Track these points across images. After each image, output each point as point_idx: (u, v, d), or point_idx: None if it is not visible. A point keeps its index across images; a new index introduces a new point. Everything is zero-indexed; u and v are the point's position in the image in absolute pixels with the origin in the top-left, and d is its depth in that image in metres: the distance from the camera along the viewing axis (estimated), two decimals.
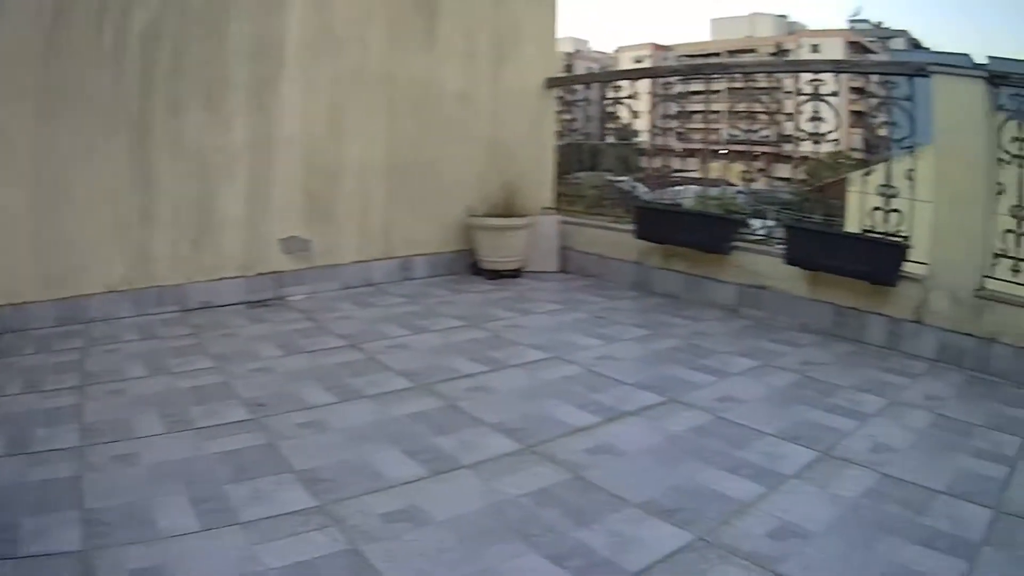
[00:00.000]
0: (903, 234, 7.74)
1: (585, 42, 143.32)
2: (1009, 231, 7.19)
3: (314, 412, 5.38)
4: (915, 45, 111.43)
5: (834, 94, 8.33)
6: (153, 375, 6.08)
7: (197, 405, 5.42)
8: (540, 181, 11.36)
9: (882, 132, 8.34)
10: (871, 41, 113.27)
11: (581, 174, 11.77)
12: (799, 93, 8.52)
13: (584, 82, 11.82)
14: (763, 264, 8.83)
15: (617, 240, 10.29)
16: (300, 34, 8.74)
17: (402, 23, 9.76)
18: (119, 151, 7.67)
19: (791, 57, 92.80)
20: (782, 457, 5.00)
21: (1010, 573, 3.76)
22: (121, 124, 7.66)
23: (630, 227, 9.95)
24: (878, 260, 7.77)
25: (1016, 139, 7.12)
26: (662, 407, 5.82)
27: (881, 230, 7.85)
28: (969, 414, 6.05)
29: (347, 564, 3.50)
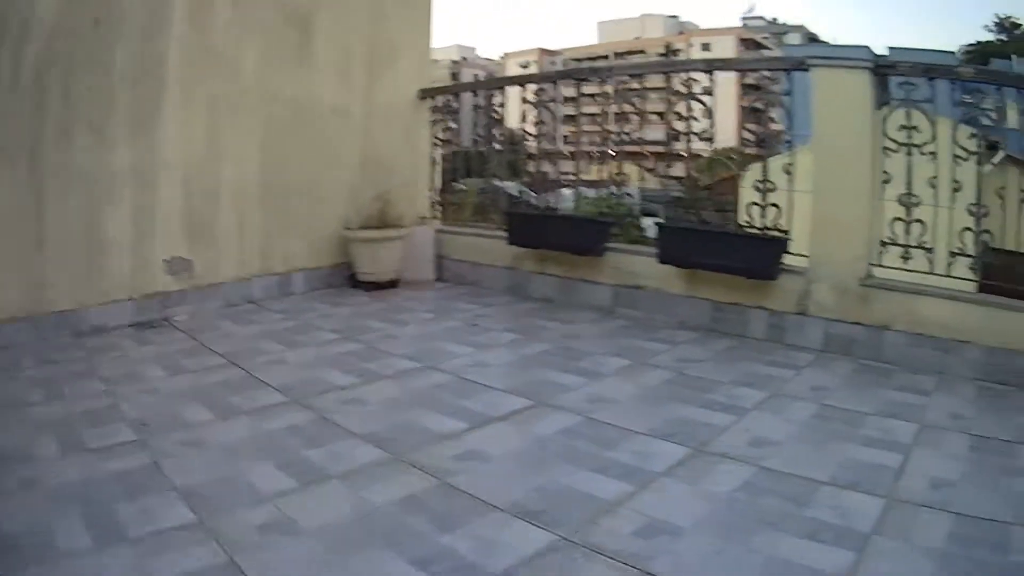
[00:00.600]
0: (782, 228, 7.91)
1: (472, 49, 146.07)
2: (898, 219, 7.36)
3: (194, 430, 5.41)
4: (812, 39, 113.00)
5: (708, 92, 8.51)
6: (48, 401, 6.06)
7: (90, 428, 5.42)
8: (415, 191, 11.45)
9: (776, 127, 8.47)
10: (765, 38, 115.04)
11: (468, 181, 11.80)
12: (676, 93, 8.68)
13: (455, 91, 11.80)
14: (638, 264, 8.98)
15: (491, 247, 10.42)
16: (180, 55, 8.74)
17: (278, 41, 9.86)
18: (13, 179, 7.65)
19: (681, 57, 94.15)
20: (653, 455, 5.05)
21: (903, 562, 3.80)
22: (15, 153, 7.63)
23: (502, 233, 10.08)
24: (755, 255, 7.95)
25: (904, 127, 7.27)
26: (530, 411, 5.89)
27: (759, 225, 8.03)
28: (859, 403, 6.15)
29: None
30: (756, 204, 8.01)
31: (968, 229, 7.06)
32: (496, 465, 4.93)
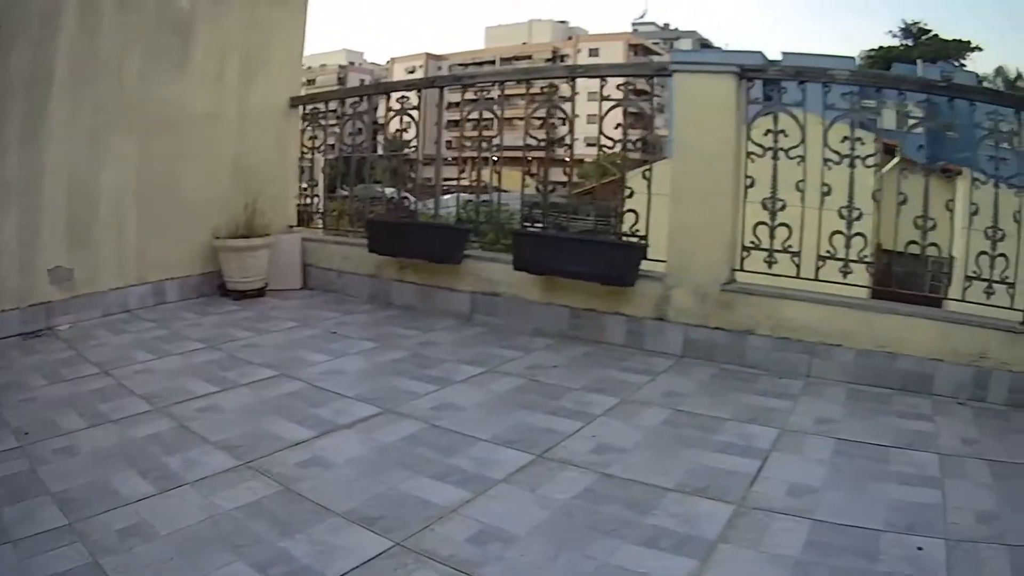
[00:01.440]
0: (639, 234, 8.06)
1: (360, 54, 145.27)
2: (761, 223, 7.53)
3: (69, 437, 5.55)
4: (704, 45, 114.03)
5: (568, 99, 8.74)
6: None
7: None
8: (284, 200, 11.63)
9: (663, 133, 8.62)
10: (655, 43, 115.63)
11: (357, 188, 11.83)
12: (550, 98, 8.89)
13: (324, 99, 11.70)
14: (495, 271, 9.14)
15: (354, 255, 10.57)
16: (69, 62, 8.71)
17: (159, 49, 9.85)
18: None
19: (568, 63, 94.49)
20: (494, 463, 5.21)
21: (751, 571, 3.90)
22: None
23: (366, 243, 10.20)
24: (612, 261, 8.10)
25: (770, 132, 7.43)
26: (377, 418, 6.06)
27: (615, 231, 8.22)
28: (716, 408, 6.33)
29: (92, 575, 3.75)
30: (616, 200, 8.17)
31: (839, 232, 7.23)
32: (338, 472, 5.12)
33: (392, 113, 10.25)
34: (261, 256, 10.51)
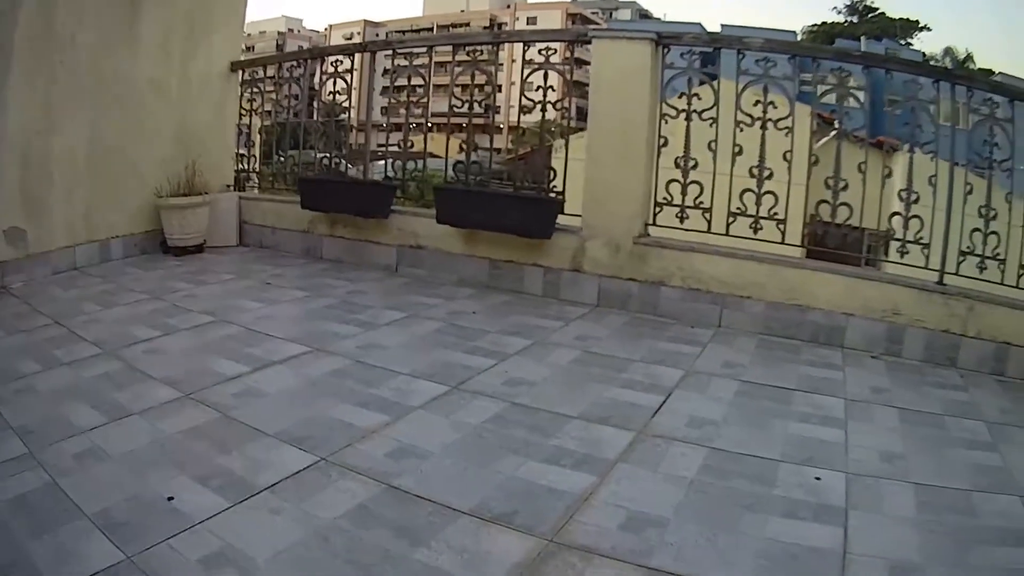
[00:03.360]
0: (556, 190, 8.34)
1: (299, 21, 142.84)
2: (674, 181, 7.78)
3: (27, 380, 5.78)
4: (643, 15, 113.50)
5: (493, 63, 8.98)
6: None
7: None
8: (222, 160, 11.69)
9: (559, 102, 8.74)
10: (594, 13, 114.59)
11: (291, 152, 11.90)
12: (479, 63, 8.97)
13: (263, 63, 11.85)
14: (419, 225, 9.46)
15: (288, 212, 10.82)
16: (26, 33, 8.71)
17: (110, 18, 9.83)
18: None
19: (506, 29, 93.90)
20: (412, 392, 5.56)
21: (646, 486, 4.17)
22: None
23: (298, 199, 10.47)
24: (529, 215, 8.38)
25: (684, 94, 7.70)
26: (307, 356, 6.38)
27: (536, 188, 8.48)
28: (626, 351, 6.66)
29: (51, 494, 4.02)
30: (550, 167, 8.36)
31: (749, 190, 7.50)
32: (270, 401, 5.45)
33: (326, 77, 10.50)
34: (201, 214, 10.75)
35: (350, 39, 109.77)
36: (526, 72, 8.34)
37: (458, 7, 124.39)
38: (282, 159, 12.03)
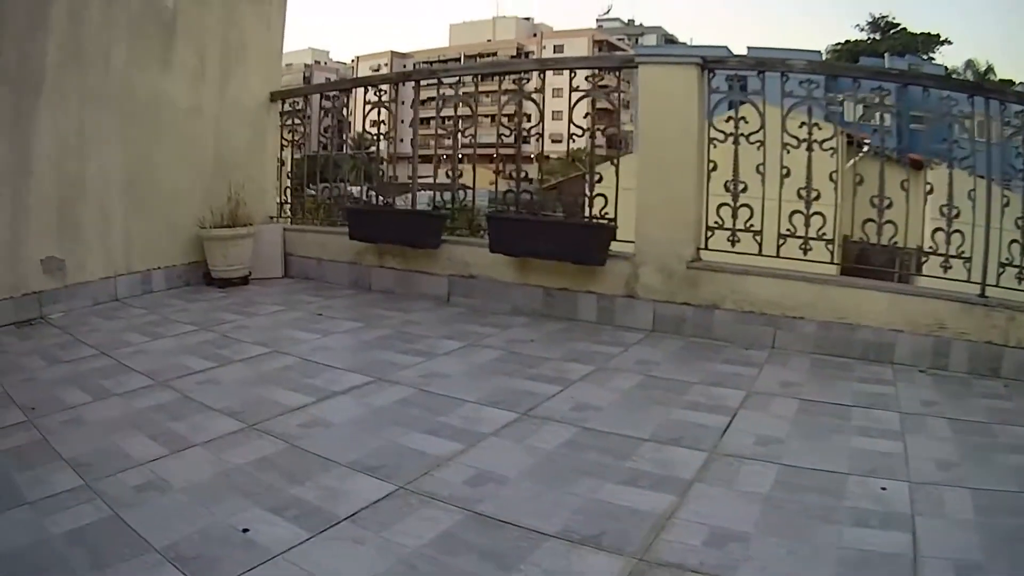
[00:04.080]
0: (608, 216, 8.33)
1: (326, 52, 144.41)
2: (724, 204, 7.82)
3: (76, 411, 5.72)
4: (669, 40, 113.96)
5: (539, 91, 8.94)
6: None
7: None
8: (264, 190, 11.76)
9: (628, 128, 8.81)
10: (620, 39, 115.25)
11: (320, 186, 11.94)
12: (518, 93, 8.87)
13: (305, 94, 12.15)
14: (471, 255, 9.45)
15: (334, 243, 10.79)
16: (57, 56, 8.77)
17: (144, 43, 9.90)
18: None
19: (552, 56, 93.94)
20: (481, 420, 5.53)
21: (726, 504, 4.17)
22: None
23: (345, 231, 10.45)
24: (583, 242, 8.38)
25: (730, 119, 7.71)
26: (369, 386, 6.33)
27: (586, 215, 8.48)
28: (686, 374, 6.65)
29: (113, 527, 3.91)
30: (583, 195, 8.46)
31: (798, 212, 7.55)
32: (338, 431, 5.41)
33: (370, 106, 10.41)
34: (245, 245, 10.70)
35: (377, 71, 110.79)
36: (574, 99, 8.37)
37: (484, 37, 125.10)
38: (312, 191, 12.07)
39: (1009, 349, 6.69)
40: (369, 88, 10.68)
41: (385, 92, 10.48)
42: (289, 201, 12.12)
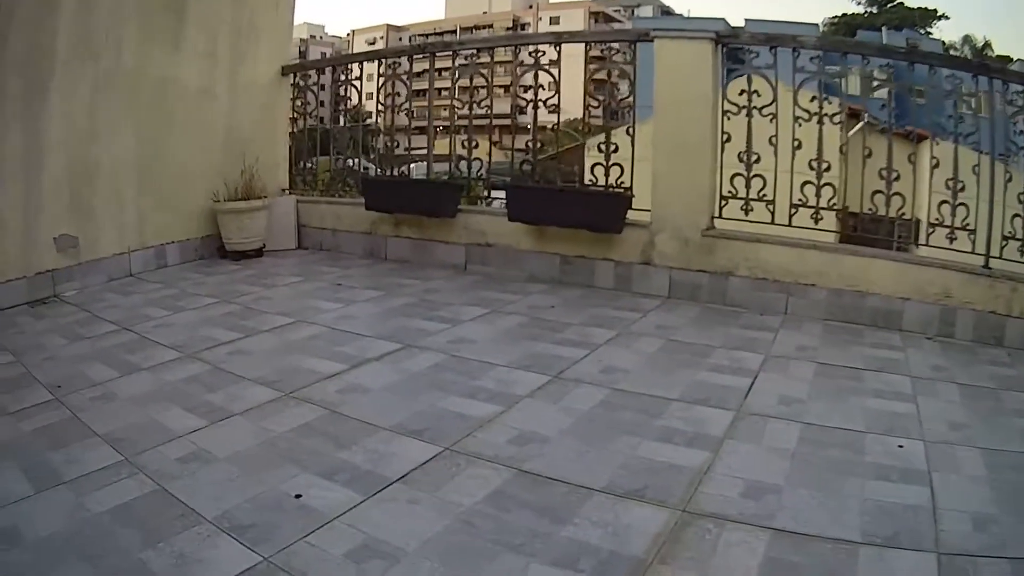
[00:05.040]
0: (624, 185, 8.52)
1: (321, 27, 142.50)
2: (738, 175, 8.00)
3: (104, 387, 5.74)
4: (665, 12, 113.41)
5: (552, 63, 8.91)
6: None
7: (5, 393, 5.66)
8: (276, 164, 11.81)
9: (622, 99, 8.92)
10: (616, 10, 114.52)
11: (320, 159, 12.02)
12: (522, 64, 8.94)
13: (317, 67, 12.21)
14: (487, 223, 9.67)
15: (349, 213, 11.00)
16: (67, 39, 8.75)
17: (154, 25, 9.92)
18: None
19: (530, 31, 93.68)
20: (515, 383, 5.71)
21: (757, 459, 4.45)
22: None
23: (360, 201, 10.60)
24: (600, 210, 8.60)
25: (744, 92, 7.88)
26: (401, 352, 6.47)
27: (603, 184, 8.61)
28: (706, 339, 6.89)
29: (160, 500, 3.98)
30: (600, 164, 8.59)
31: (809, 182, 7.78)
32: (376, 396, 5.53)
33: (383, 79, 10.54)
34: (260, 217, 10.83)
35: (373, 44, 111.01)
36: (591, 69, 8.57)
37: (480, 8, 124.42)
38: (309, 165, 12.25)
39: (1012, 319, 6.92)
40: (382, 61, 10.78)
41: (400, 65, 10.58)
42: (302, 173, 12.13)
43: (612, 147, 8.60)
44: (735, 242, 8.08)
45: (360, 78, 11.14)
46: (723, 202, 8.25)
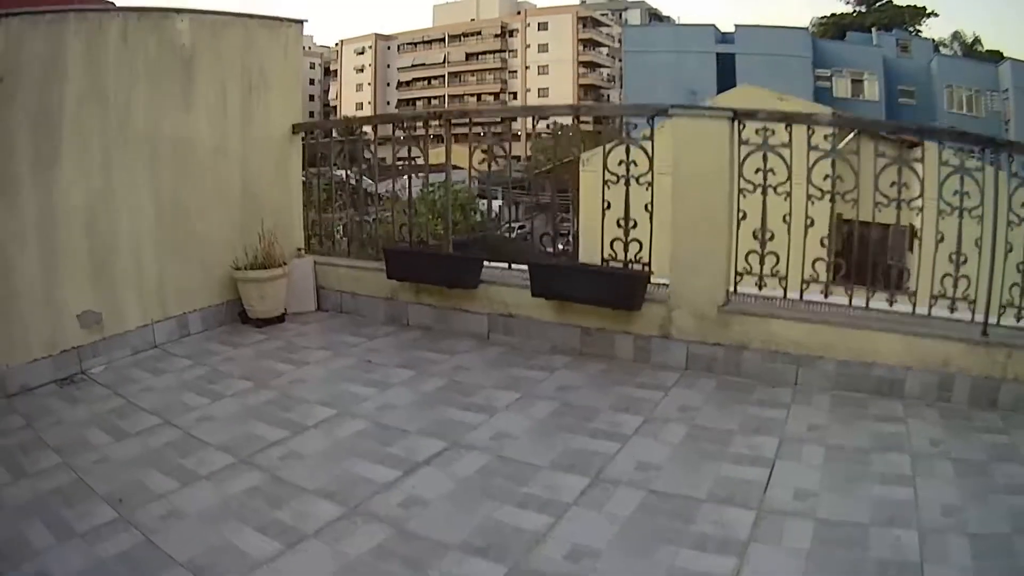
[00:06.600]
0: (643, 261, 9.38)
1: (310, 37, 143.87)
2: (752, 252, 8.84)
3: (168, 500, 6.10)
4: (654, 15, 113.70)
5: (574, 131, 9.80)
6: (16, 481, 6.60)
7: (68, 508, 6.01)
8: (292, 225, 12.50)
9: (644, 175, 9.55)
10: (603, 15, 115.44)
11: (309, 171, 12.81)
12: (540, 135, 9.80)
13: (327, 128, 13.07)
14: (509, 295, 10.33)
15: (369, 278, 11.66)
16: (76, 103, 9.29)
17: (163, 83, 10.50)
18: None
19: (517, 36, 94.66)
20: (560, 487, 6.23)
21: (777, 563, 5.17)
22: None
23: (380, 265, 11.28)
24: (620, 289, 9.40)
25: (759, 170, 8.72)
26: (448, 453, 6.97)
27: (622, 259, 9.40)
28: (725, 421, 7.60)
29: None
30: (619, 240, 9.37)
31: (820, 259, 8.70)
32: (436, 509, 5.97)
33: (400, 143, 11.43)
34: (280, 285, 11.48)
35: (361, 53, 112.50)
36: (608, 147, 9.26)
37: (468, 16, 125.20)
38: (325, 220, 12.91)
39: (1006, 382, 7.76)
40: (401, 126, 11.72)
41: (420, 128, 11.33)
42: (318, 235, 12.85)
43: (632, 223, 9.35)
44: (750, 317, 8.87)
45: (374, 141, 12.14)
46: (738, 278, 9.04)
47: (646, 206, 9.22)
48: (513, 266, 10.62)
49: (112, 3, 10.40)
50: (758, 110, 8.71)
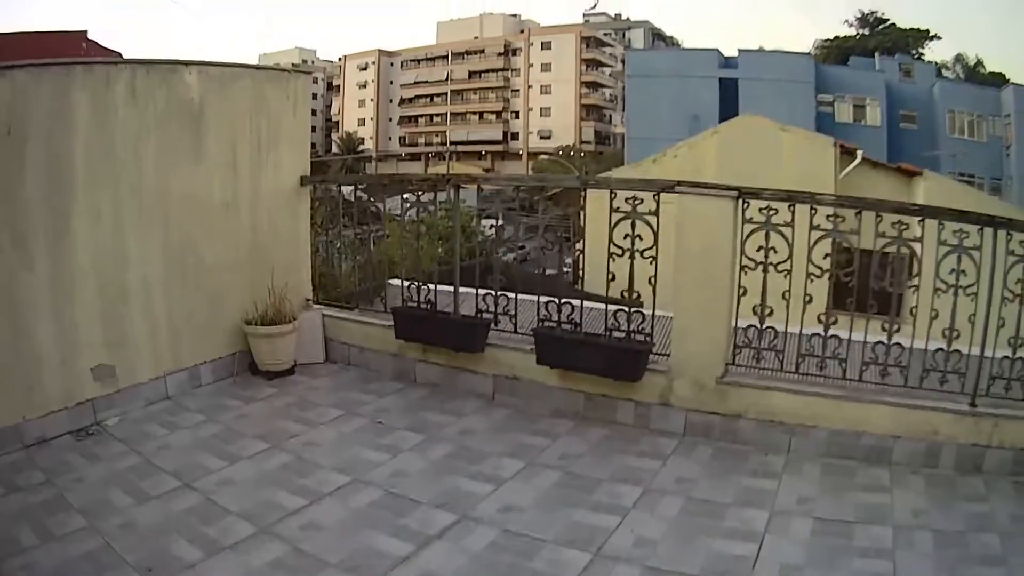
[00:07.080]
0: (646, 332, 9.73)
1: (313, 52, 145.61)
2: (751, 326, 9.27)
3: (195, 571, 6.34)
4: (657, 35, 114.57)
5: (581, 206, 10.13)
6: (46, 543, 6.79)
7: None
8: (301, 278, 12.88)
9: (648, 250, 9.89)
10: (607, 34, 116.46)
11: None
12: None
13: (336, 182, 13.38)
14: (514, 359, 10.72)
15: (377, 335, 12.04)
16: (85, 161, 9.47)
17: (172, 139, 10.68)
18: None
19: (520, 54, 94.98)
20: (564, 563, 6.51)
21: None
22: None
23: (387, 322, 11.66)
24: (622, 362, 9.75)
25: (761, 248, 9.11)
26: (458, 526, 7.18)
27: (624, 329, 9.77)
28: (720, 493, 7.91)
29: None
30: (623, 311, 9.74)
31: (817, 334, 9.12)
32: None
33: (409, 204, 11.79)
34: (290, 339, 11.76)
35: (364, 69, 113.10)
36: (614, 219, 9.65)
37: (472, 34, 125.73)
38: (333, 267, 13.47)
39: (992, 449, 8.20)
40: (414, 193, 11.87)
41: (423, 193, 11.79)
42: (325, 288, 13.35)
43: (635, 295, 9.72)
44: (747, 389, 9.26)
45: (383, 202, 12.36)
46: (737, 351, 9.45)
47: (650, 279, 9.63)
48: (519, 330, 10.85)
49: (120, 56, 10.67)
50: (763, 190, 9.05)
